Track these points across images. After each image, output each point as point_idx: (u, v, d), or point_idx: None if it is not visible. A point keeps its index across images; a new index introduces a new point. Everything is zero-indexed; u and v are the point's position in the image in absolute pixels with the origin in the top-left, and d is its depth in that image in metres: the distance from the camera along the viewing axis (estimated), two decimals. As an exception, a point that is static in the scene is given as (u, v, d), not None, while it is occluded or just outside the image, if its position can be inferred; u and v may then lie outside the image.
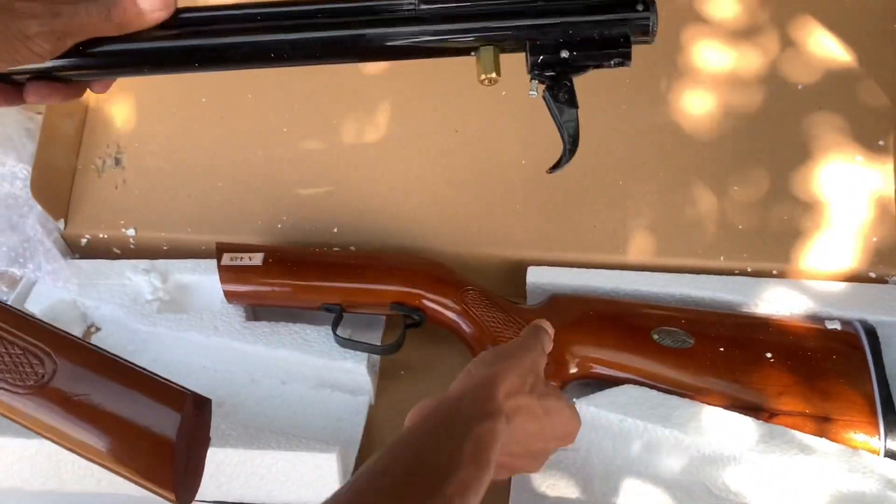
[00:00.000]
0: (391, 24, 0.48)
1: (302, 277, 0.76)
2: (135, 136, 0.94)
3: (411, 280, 0.75)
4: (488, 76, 0.49)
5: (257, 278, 0.75)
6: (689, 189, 0.83)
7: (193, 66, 0.49)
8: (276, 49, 0.49)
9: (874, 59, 0.85)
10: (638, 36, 0.49)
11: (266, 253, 0.76)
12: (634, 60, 0.88)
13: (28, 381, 0.47)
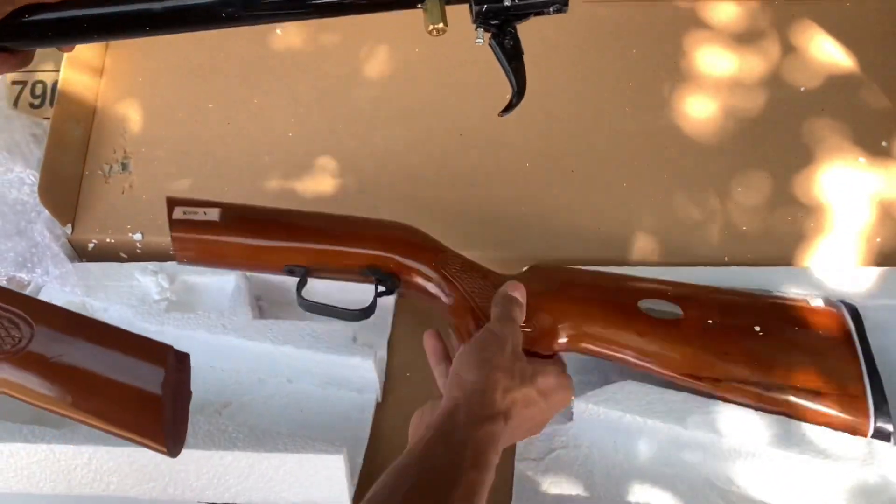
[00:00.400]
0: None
1: (263, 235, 0.68)
2: (141, 141, 0.95)
3: (384, 242, 0.68)
4: (436, 26, 0.49)
5: (213, 235, 0.67)
6: (693, 191, 0.84)
7: (144, 30, 0.48)
8: (227, 8, 0.47)
9: (875, 62, 0.86)
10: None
11: (223, 209, 0.68)
12: (638, 64, 0.90)
13: (5, 346, 0.47)
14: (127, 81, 0.99)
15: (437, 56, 0.93)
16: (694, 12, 0.90)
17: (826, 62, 0.86)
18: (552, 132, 0.88)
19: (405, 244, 0.69)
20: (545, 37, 0.92)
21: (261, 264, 0.71)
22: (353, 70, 0.95)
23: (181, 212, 0.67)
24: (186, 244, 0.67)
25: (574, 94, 0.89)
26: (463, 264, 0.69)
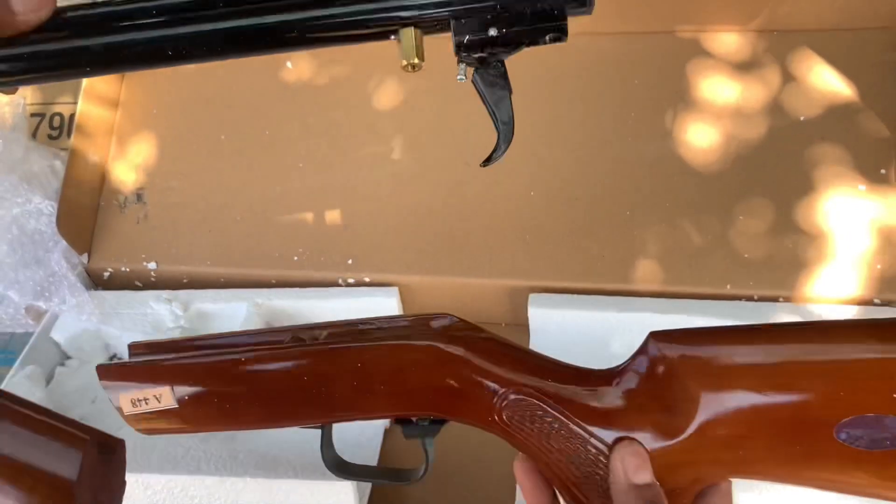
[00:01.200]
0: (301, 9, 0.42)
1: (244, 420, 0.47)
2: (156, 172, 0.98)
3: (415, 400, 0.45)
4: (410, 62, 0.42)
5: (181, 426, 0.48)
6: (695, 219, 0.85)
7: (84, 70, 0.44)
8: (173, 45, 0.42)
9: (874, 91, 0.87)
10: (574, 7, 0.41)
11: (170, 380, 0.47)
12: (640, 93, 0.91)
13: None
14: (142, 114, 1.02)
15: (444, 87, 0.96)
16: (695, 43, 0.92)
17: (825, 91, 0.88)
18: (556, 161, 0.90)
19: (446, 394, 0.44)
20: (549, 67, 0.94)
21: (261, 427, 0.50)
22: (361, 101, 0.97)
23: (129, 402, 0.48)
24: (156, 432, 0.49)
25: (577, 124, 0.91)
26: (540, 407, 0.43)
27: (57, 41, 0.42)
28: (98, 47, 0.42)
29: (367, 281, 0.89)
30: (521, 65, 0.96)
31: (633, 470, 0.40)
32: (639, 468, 0.40)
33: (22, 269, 0.91)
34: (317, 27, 0.42)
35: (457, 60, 0.43)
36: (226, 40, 0.42)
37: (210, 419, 0.47)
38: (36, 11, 0.41)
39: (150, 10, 0.42)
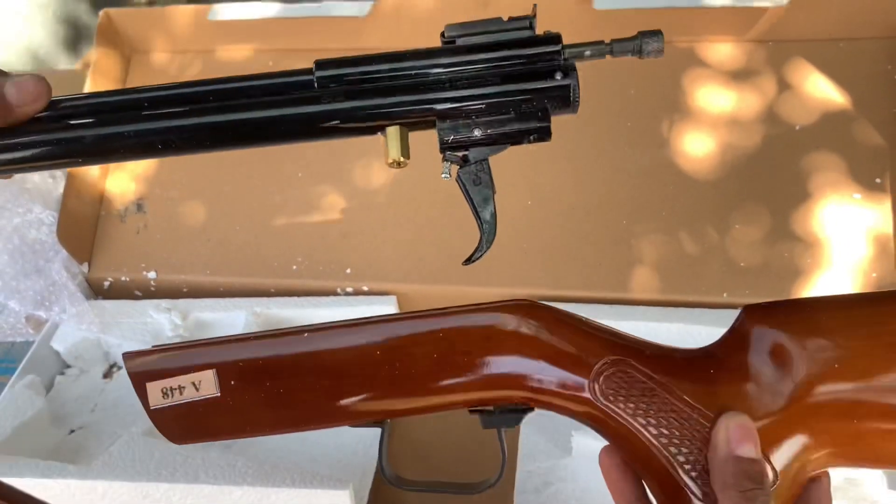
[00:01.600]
0: (288, 105, 0.42)
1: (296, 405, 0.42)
2: (156, 182, 0.98)
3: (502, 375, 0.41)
4: (395, 159, 0.43)
5: (217, 424, 0.42)
6: (691, 227, 0.86)
7: (77, 160, 0.44)
8: (163, 139, 0.43)
9: (869, 100, 0.87)
10: (558, 108, 0.42)
11: (216, 361, 0.42)
12: (636, 103, 0.92)
13: None
14: (142, 124, 1.02)
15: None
16: (691, 53, 0.93)
17: (820, 101, 0.88)
18: (553, 171, 0.91)
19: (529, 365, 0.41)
20: (546, 78, 0.94)
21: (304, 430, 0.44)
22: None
23: (158, 391, 0.42)
24: (183, 432, 0.43)
25: (574, 134, 0.92)
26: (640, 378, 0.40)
27: (51, 132, 0.42)
28: (90, 139, 0.42)
29: (366, 290, 0.89)
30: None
31: (736, 440, 0.37)
32: (743, 439, 0.37)
33: (22, 279, 0.91)
34: (304, 123, 0.42)
35: (441, 158, 0.43)
36: (214, 135, 0.42)
37: (256, 409, 0.42)
38: (32, 104, 0.42)
39: (142, 103, 0.43)
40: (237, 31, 1.01)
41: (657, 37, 0.41)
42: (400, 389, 0.41)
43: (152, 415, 0.42)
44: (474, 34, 0.42)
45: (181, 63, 1.04)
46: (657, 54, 0.42)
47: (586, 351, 0.41)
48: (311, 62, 0.99)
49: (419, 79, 0.42)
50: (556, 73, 0.41)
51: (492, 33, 0.41)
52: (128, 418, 0.86)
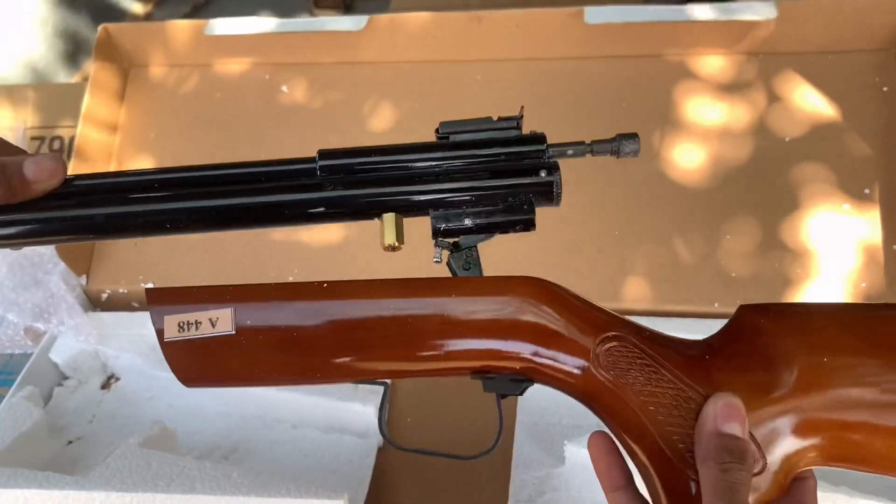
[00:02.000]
0: (292, 192, 0.45)
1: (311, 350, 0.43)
2: (154, 194, 0.99)
3: (507, 338, 0.42)
4: (391, 244, 0.45)
5: (232, 359, 0.43)
6: (683, 238, 0.87)
7: (87, 236, 0.46)
8: (172, 220, 0.45)
9: (857, 112, 0.89)
10: (542, 201, 0.46)
11: (236, 301, 0.43)
12: (628, 116, 0.93)
13: None
14: (140, 137, 1.04)
15: (436, 111, 0.97)
16: (682, 66, 0.94)
17: (810, 112, 0.90)
18: (546, 182, 0.92)
19: (534, 334, 0.42)
20: (538, 90, 0.96)
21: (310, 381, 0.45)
22: (356, 124, 0.99)
23: (175, 325, 0.43)
24: (193, 370, 0.44)
25: (567, 146, 0.93)
26: (640, 353, 0.42)
27: (64, 209, 0.44)
28: (101, 217, 0.44)
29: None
30: (510, 88, 0.98)
31: (723, 417, 0.38)
32: (730, 417, 0.38)
33: (21, 291, 0.92)
34: (306, 209, 0.44)
35: (434, 244, 0.46)
36: (221, 217, 0.45)
37: (268, 352, 0.42)
38: (48, 180, 0.44)
39: (153, 184, 0.45)
40: (234, 46, 1.02)
41: (633, 139, 0.46)
42: (409, 345, 0.42)
43: (165, 347, 0.43)
44: (466, 131, 0.45)
45: (179, 77, 1.05)
46: (633, 155, 0.47)
47: (589, 324, 0.42)
48: (307, 75, 1.02)
49: (415, 171, 0.45)
50: (541, 170, 0.45)
51: (482, 131, 0.45)
52: (125, 429, 0.86)
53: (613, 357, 0.41)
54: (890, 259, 0.82)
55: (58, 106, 1.19)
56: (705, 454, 0.38)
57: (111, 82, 1.04)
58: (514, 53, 0.97)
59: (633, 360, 0.41)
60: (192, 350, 0.43)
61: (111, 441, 0.84)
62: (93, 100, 1.00)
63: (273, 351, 0.43)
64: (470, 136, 0.45)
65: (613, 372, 0.41)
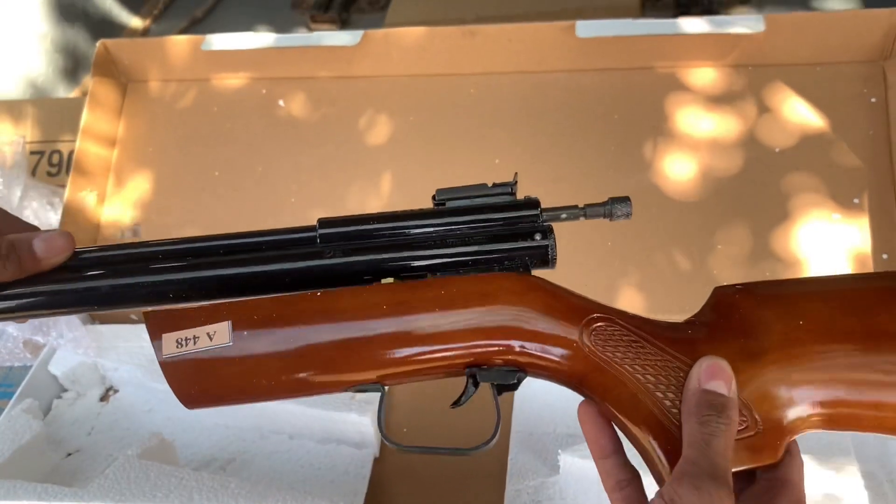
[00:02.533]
0: (293, 260, 0.46)
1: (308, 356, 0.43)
2: (152, 208, 1.00)
3: (497, 328, 0.44)
4: None
5: (231, 371, 0.43)
6: (675, 248, 0.88)
7: (92, 307, 0.47)
8: (175, 289, 0.45)
9: (846, 123, 0.90)
10: (538, 264, 0.46)
11: (232, 315, 0.44)
12: (620, 128, 0.94)
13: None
14: (139, 151, 1.05)
15: (430, 124, 0.99)
16: (672, 78, 0.95)
17: (799, 123, 0.91)
18: (539, 193, 0.92)
19: (528, 317, 0.44)
20: (531, 103, 0.97)
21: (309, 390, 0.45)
22: (351, 138, 1.00)
23: (173, 342, 0.44)
24: (193, 386, 0.44)
25: (559, 158, 0.94)
26: (626, 331, 0.43)
27: (71, 282, 0.46)
28: (106, 289, 0.46)
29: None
30: (503, 101, 0.99)
31: (706, 376, 0.40)
32: (713, 376, 0.40)
33: (20, 304, 0.93)
34: (306, 277, 0.46)
35: None
36: (224, 286, 0.45)
37: (265, 360, 0.43)
38: (57, 255, 0.45)
39: (157, 255, 0.46)
40: (231, 61, 1.03)
41: (625, 203, 0.48)
42: (403, 340, 0.43)
43: (164, 366, 0.44)
44: (462, 198, 0.47)
45: (176, 91, 1.07)
46: (625, 217, 0.48)
47: (573, 309, 0.44)
48: (303, 90, 1.04)
49: (413, 237, 0.46)
50: (536, 234, 0.46)
51: (477, 197, 0.47)
52: (124, 441, 0.87)
53: (601, 337, 0.43)
54: (879, 268, 0.83)
55: (57, 121, 1.21)
56: (687, 410, 0.40)
57: (109, 97, 1.05)
58: (508, 67, 0.98)
59: (620, 338, 0.43)
60: (191, 366, 0.43)
61: (110, 453, 0.85)
62: (91, 115, 1.02)
63: (270, 357, 0.43)
64: (466, 202, 0.47)
65: (602, 350, 0.43)
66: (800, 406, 0.41)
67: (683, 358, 0.42)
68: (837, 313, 0.42)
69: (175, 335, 0.44)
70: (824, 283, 0.45)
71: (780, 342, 0.42)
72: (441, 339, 0.43)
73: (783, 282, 0.46)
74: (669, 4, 1.85)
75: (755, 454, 0.40)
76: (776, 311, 0.43)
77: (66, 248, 0.46)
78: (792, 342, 0.42)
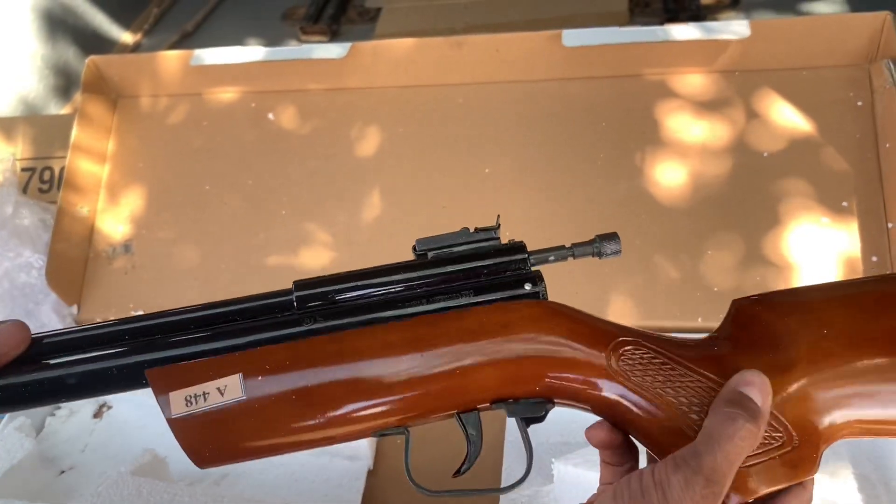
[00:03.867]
0: (270, 329, 0.43)
1: (324, 402, 0.41)
2: (143, 224, 1.00)
3: (521, 361, 0.42)
4: None
5: (245, 422, 0.41)
6: (665, 255, 0.88)
7: (60, 398, 0.43)
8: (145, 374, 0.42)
9: (833, 127, 0.90)
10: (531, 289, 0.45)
11: (242, 368, 0.41)
12: (608, 136, 0.95)
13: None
14: (130, 167, 1.05)
15: (420, 136, 0.99)
16: (660, 85, 0.96)
17: (786, 128, 0.91)
18: (529, 202, 0.93)
19: (554, 347, 0.42)
20: (519, 111, 0.97)
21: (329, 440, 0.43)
22: (341, 150, 1.00)
23: (182, 400, 0.41)
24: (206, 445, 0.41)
25: (548, 167, 0.94)
26: (654, 354, 0.42)
27: (32, 372, 0.42)
28: (74, 377, 0.42)
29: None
30: (492, 110, 1.00)
31: (744, 383, 0.39)
32: (751, 384, 0.39)
33: (12, 322, 0.93)
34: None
35: None
36: None
37: (281, 412, 0.40)
38: (12, 351, 0.42)
39: (123, 335, 0.43)
40: (220, 75, 1.03)
41: (614, 240, 0.46)
42: (423, 379, 0.41)
43: (173, 425, 0.41)
44: (444, 247, 0.45)
45: (166, 107, 1.07)
46: (615, 255, 0.47)
47: (600, 333, 0.42)
48: (292, 103, 1.04)
49: (395, 294, 0.44)
50: (525, 283, 0.44)
51: (461, 245, 0.45)
52: (117, 457, 0.87)
53: (629, 361, 0.41)
54: (869, 270, 0.84)
55: (48, 137, 1.21)
56: (717, 404, 0.39)
57: (99, 114, 1.05)
58: (495, 77, 0.99)
59: (650, 361, 0.42)
60: (203, 423, 0.40)
61: (103, 470, 0.85)
62: (81, 131, 1.02)
63: (286, 409, 0.41)
64: (448, 251, 0.45)
65: (632, 375, 0.41)
66: (833, 416, 0.40)
67: (712, 376, 0.41)
68: (859, 319, 0.42)
69: (184, 392, 0.41)
70: (838, 289, 0.45)
71: (808, 352, 0.41)
72: (463, 375, 0.41)
73: (798, 290, 0.45)
74: (658, 10, 1.86)
75: (793, 470, 0.39)
76: (799, 320, 0.42)
77: (23, 341, 0.42)
78: (820, 352, 0.41)
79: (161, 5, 2.40)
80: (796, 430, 0.40)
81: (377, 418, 0.41)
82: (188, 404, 0.40)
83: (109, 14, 2.14)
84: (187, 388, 0.41)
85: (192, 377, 0.41)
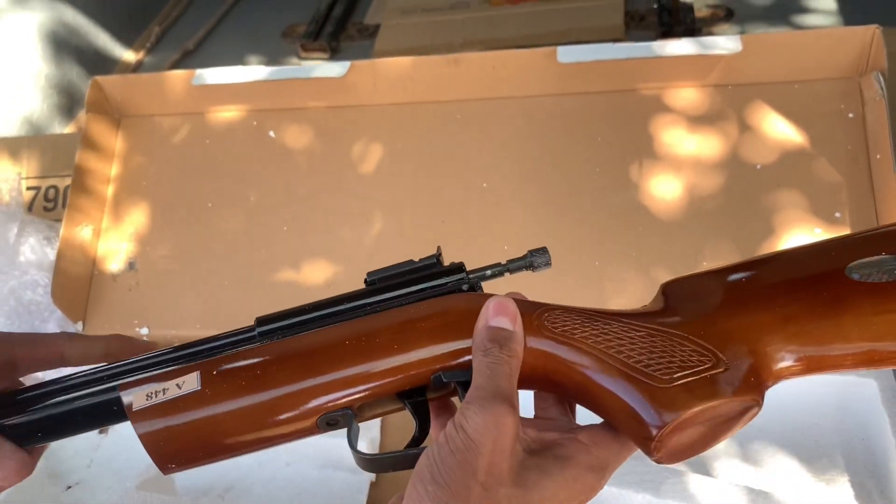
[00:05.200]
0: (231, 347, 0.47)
1: (273, 382, 0.45)
2: (147, 241, 1.02)
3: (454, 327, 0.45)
4: None
5: (200, 409, 0.44)
6: (661, 267, 0.89)
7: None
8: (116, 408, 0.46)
9: (825, 138, 0.92)
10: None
11: (201, 367, 0.45)
12: (603, 150, 0.96)
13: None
14: (133, 185, 1.06)
15: (418, 151, 1.00)
16: (654, 100, 0.97)
17: (779, 140, 0.93)
18: (526, 217, 0.94)
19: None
20: (516, 126, 0.99)
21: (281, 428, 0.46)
22: (342, 167, 1.02)
23: (143, 396, 0.45)
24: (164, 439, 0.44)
25: (544, 181, 0.96)
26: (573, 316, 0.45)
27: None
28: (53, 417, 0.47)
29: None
30: (488, 125, 1.01)
31: (493, 313, 0.43)
32: (498, 313, 0.43)
33: (19, 340, 0.94)
34: None
35: None
36: None
37: (235, 399, 0.44)
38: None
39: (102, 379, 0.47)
40: (222, 94, 1.05)
41: (544, 253, 0.52)
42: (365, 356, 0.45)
43: (134, 417, 0.44)
44: (391, 276, 0.49)
45: (169, 126, 1.08)
46: (545, 267, 0.52)
47: (529, 304, 0.46)
48: (293, 120, 1.06)
49: (350, 318, 0.47)
50: (463, 286, 0.48)
51: (406, 273, 0.49)
52: (123, 472, 0.88)
53: (556, 322, 0.45)
54: (863, 280, 0.85)
55: (52, 157, 1.23)
56: (475, 346, 0.43)
57: (103, 133, 1.07)
58: (492, 93, 1.00)
59: (577, 320, 0.45)
60: (160, 413, 0.44)
61: (109, 485, 0.86)
62: (85, 151, 1.03)
63: (240, 395, 0.44)
64: (395, 279, 0.49)
65: (560, 332, 0.44)
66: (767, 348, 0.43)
67: (645, 325, 0.45)
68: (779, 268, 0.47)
69: (145, 389, 0.45)
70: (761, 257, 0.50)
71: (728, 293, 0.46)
72: (401, 353, 0.45)
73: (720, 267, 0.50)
74: (653, 24, 1.88)
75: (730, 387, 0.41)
76: (718, 278, 0.48)
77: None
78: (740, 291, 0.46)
79: (163, 24, 2.42)
80: (725, 356, 0.42)
81: (322, 392, 0.44)
82: (149, 398, 0.44)
83: (112, 33, 2.17)
84: (148, 385, 0.45)
85: (154, 374, 0.46)
